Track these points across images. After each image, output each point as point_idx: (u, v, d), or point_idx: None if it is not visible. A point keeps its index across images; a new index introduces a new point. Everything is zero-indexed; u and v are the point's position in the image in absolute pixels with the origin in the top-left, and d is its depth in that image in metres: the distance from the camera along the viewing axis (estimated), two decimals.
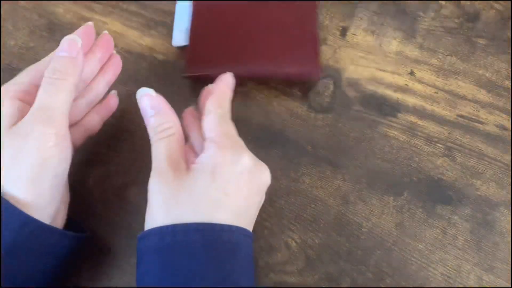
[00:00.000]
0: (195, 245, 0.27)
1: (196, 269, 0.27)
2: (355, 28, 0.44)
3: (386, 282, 0.35)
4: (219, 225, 0.28)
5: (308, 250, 0.36)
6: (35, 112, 0.30)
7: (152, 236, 0.28)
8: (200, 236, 0.27)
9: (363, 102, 0.41)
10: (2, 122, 0.30)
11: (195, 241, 0.27)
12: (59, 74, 0.31)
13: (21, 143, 0.29)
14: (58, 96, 0.30)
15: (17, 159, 0.28)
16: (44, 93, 0.30)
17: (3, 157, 0.29)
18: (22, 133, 0.29)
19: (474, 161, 0.39)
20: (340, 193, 0.38)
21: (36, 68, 0.33)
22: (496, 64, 0.42)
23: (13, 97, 0.31)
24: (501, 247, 0.36)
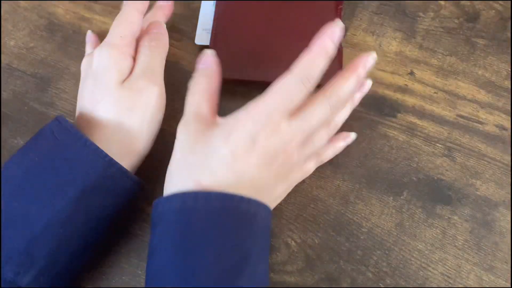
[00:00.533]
0: (215, 211, 0.29)
1: (212, 233, 0.28)
2: (355, 28, 0.45)
3: (386, 282, 0.35)
4: (239, 196, 0.29)
5: (308, 250, 0.36)
6: (143, 72, 0.35)
7: (174, 199, 0.29)
8: (220, 203, 0.29)
9: (363, 102, 0.41)
10: (119, 77, 0.35)
11: (215, 207, 0.29)
12: (156, 43, 0.37)
13: (137, 96, 0.34)
14: (157, 60, 0.37)
15: (133, 110, 0.34)
16: (146, 57, 0.36)
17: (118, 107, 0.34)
18: (136, 88, 0.35)
19: (473, 161, 0.39)
20: (340, 193, 0.38)
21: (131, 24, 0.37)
22: (495, 64, 0.42)
23: (126, 53, 0.36)
24: (500, 247, 0.36)
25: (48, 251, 0.30)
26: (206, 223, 0.28)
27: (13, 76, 0.44)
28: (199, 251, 0.28)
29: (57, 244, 0.30)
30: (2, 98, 0.43)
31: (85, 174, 0.31)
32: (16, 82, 0.44)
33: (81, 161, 0.31)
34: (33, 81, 0.44)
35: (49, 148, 0.31)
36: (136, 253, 0.37)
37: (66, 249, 0.31)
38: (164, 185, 0.32)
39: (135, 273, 0.36)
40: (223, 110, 0.33)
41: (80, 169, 0.31)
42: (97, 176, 0.31)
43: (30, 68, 0.45)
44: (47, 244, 0.30)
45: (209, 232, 0.28)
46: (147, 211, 0.38)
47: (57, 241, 0.30)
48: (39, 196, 0.30)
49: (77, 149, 0.31)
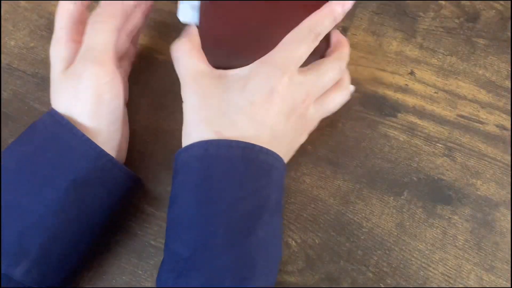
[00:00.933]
0: (236, 158, 0.29)
1: (234, 179, 0.29)
2: (355, 28, 0.44)
3: (386, 282, 0.35)
4: (259, 146, 0.30)
5: (308, 250, 0.36)
6: (83, 53, 0.32)
7: (196, 147, 0.30)
8: (241, 151, 0.30)
9: (363, 102, 0.41)
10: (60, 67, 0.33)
11: (237, 155, 0.29)
12: (100, 18, 0.33)
13: (77, 83, 0.32)
14: (100, 37, 0.33)
15: (76, 98, 0.32)
16: (88, 37, 0.33)
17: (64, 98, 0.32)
18: (76, 73, 0.32)
19: (474, 161, 0.39)
20: (340, 193, 0.38)
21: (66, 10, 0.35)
22: (496, 64, 0.42)
23: (65, 39, 0.34)
24: (501, 247, 0.36)
25: (40, 243, 0.30)
26: (227, 169, 0.29)
27: (13, 76, 0.44)
28: (220, 196, 0.29)
29: (49, 236, 0.30)
30: (2, 98, 0.43)
31: (76, 165, 0.31)
32: (16, 82, 0.44)
33: (72, 152, 0.31)
34: (33, 81, 0.44)
35: (41, 140, 0.31)
36: (136, 253, 0.37)
37: (59, 241, 0.31)
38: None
39: (135, 273, 0.36)
40: None
41: (71, 160, 0.31)
42: (88, 167, 0.31)
43: (31, 68, 0.45)
44: (39, 236, 0.30)
45: (229, 178, 0.29)
46: (147, 211, 0.38)
47: (50, 232, 0.30)
48: (31, 188, 0.30)
49: (68, 140, 0.31)
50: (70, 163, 0.31)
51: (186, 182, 0.30)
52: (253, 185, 0.29)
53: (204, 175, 0.29)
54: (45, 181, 0.30)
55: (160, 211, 0.38)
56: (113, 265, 0.36)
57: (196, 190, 0.29)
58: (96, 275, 0.36)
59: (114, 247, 0.37)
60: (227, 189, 0.29)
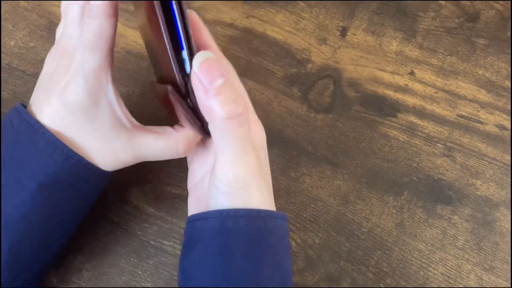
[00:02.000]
0: (255, 230, 0.28)
1: (255, 255, 0.28)
2: (355, 28, 0.44)
3: (386, 282, 0.35)
4: (276, 213, 0.29)
5: (308, 250, 0.36)
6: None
7: (212, 219, 0.28)
8: (261, 222, 0.28)
9: (363, 102, 0.41)
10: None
11: (255, 227, 0.28)
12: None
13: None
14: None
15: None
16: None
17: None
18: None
19: (474, 161, 0.39)
20: (340, 193, 0.38)
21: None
22: (496, 64, 0.42)
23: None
24: (501, 247, 0.36)
25: (10, 246, 0.29)
26: (248, 246, 0.28)
27: (13, 76, 0.44)
28: (243, 278, 0.27)
29: (19, 238, 0.29)
30: (2, 98, 0.43)
31: (43, 166, 0.29)
32: (16, 82, 0.44)
33: (39, 152, 0.29)
34: (33, 81, 0.44)
35: (9, 139, 0.30)
36: (136, 253, 0.37)
37: (28, 243, 0.30)
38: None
39: (135, 273, 0.36)
40: None
41: (39, 161, 0.29)
42: (56, 168, 0.29)
43: (30, 68, 0.44)
44: (8, 239, 0.29)
45: (251, 256, 0.28)
46: (147, 211, 0.38)
47: (19, 235, 0.29)
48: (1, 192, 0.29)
49: (35, 140, 0.29)
50: (37, 165, 0.29)
51: (203, 258, 0.28)
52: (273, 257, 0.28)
53: (223, 252, 0.27)
54: (13, 183, 0.29)
55: (160, 212, 0.38)
56: (113, 265, 0.36)
57: (216, 270, 0.27)
58: (96, 275, 0.36)
59: (114, 247, 0.37)
60: (249, 268, 0.27)
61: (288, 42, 0.44)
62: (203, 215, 0.29)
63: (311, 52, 0.43)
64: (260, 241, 0.28)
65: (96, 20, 0.29)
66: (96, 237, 0.37)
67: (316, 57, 0.43)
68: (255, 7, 0.45)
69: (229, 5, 0.45)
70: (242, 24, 0.44)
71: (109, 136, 0.31)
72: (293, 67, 0.43)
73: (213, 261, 0.28)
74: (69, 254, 0.37)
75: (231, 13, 0.45)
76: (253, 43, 0.44)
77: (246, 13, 0.45)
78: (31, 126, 0.30)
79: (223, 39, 0.44)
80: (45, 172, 0.29)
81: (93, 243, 0.37)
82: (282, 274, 0.28)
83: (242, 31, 0.44)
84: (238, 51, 0.43)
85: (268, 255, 0.28)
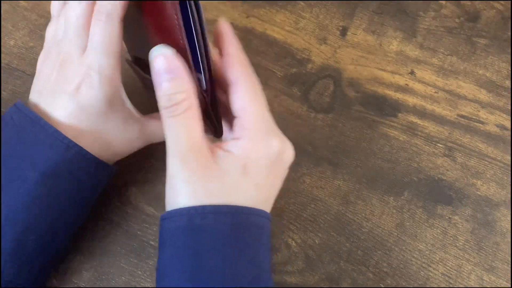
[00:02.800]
0: (225, 227, 0.27)
1: (225, 252, 0.27)
2: (355, 28, 0.44)
3: (386, 282, 0.35)
4: (247, 208, 0.28)
5: (308, 250, 0.36)
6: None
7: (179, 217, 0.28)
8: (229, 219, 0.28)
9: (363, 102, 0.41)
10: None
11: (225, 223, 0.27)
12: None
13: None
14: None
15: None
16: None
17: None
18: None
19: (474, 161, 0.39)
20: (340, 193, 0.38)
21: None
22: (496, 64, 0.42)
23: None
24: (501, 247, 0.36)
25: (13, 236, 0.29)
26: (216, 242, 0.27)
27: (13, 76, 0.44)
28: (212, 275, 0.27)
29: (22, 229, 0.30)
30: (2, 98, 0.43)
31: (44, 157, 0.30)
32: (15, 82, 0.44)
33: (39, 144, 0.30)
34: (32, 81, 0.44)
35: (10, 134, 0.31)
36: (136, 253, 0.37)
37: (32, 234, 0.30)
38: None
39: (135, 273, 0.36)
40: None
41: (39, 152, 0.30)
42: (57, 159, 0.30)
43: (30, 68, 0.44)
44: (12, 230, 0.29)
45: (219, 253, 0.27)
46: (147, 211, 0.38)
47: (22, 226, 0.30)
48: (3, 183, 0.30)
49: (36, 132, 0.30)
50: (38, 156, 0.30)
51: (173, 257, 0.28)
52: (245, 254, 0.28)
53: (193, 248, 0.27)
54: (15, 175, 0.30)
55: (160, 211, 0.38)
56: (113, 265, 0.36)
57: (184, 268, 0.27)
58: (96, 275, 0.36)
59: (113, 247, 0.37)
60: (218, 265, 0.27)
61: (288, 42, 0.44)
62: (171, 213, 0.29)
63: (311, 52, 0.43)
64: (228, 237, 0.27)
65: (110, 22, 0.29)
66: (95, 237, 0.37)
67: (316, 57, 0.43)
68: (255, 7, 0.45)
69: (229, 4, 0.45)
70: (242, 24, 0.44)
71: (124, 130, 0.33)
72: (293, 67, 0.43)
73: (182, 259, 0.28)
74: (69, 254, 0.37)
75: (231, 13, 0.45)
76: (253, 43, 0.44)
77: (246, 13, 0.45)
78: (31, 120, 0.30)
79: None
80: (46, 163, 0.30)
81: (93, 243, 0.37)
82: (256, 271, 0.28)
83: (242, 31, 0.44)
84: None
85: (238, 251, 0.27)
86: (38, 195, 0.30)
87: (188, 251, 0.27)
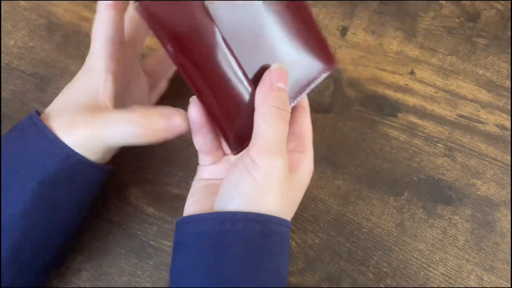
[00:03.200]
0: (253, 234, 0.28)
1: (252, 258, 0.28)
2: (355, 28, 0.44)
3: (386, 282, 0.35)
4: (275, 217, 0.29)
5: (308, 250, 0.36)
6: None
7: (208, 221, 0.28)
8: (259, 227, 0.28)
9: (363, 102, 0.41)
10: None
11: (254, 230, 0.28)
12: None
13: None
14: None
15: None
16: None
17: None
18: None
19: (474, 161, 0.39)
20: (340, 193, 0.38)
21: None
22: (496, 64, 0.42)
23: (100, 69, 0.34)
24: (501, 247, 0.36)
25: (11, 244, 0.30)
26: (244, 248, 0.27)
27: (13, 76, 0.44)
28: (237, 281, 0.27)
29: (20, 237, 0.30)
30: (2, 98, 0.43)
31: (43, 166, 0.30)
32: (15, 82, 0.44)
33: (39, 152, 0.30)
34: (32, 81, 0.44)
35: (17, 142, 0.31)
36: (136, 253, 0.37)
37: (29, 241, 0.30)
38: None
39: (135, 273, 0.36)
40: None
41: (39, 161, 0.30)
42: (56, 167, 0.30)
43: (30, 67, 0.44)
44: (10, 237, 0.30)
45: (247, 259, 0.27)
46: (147, 211, 0.38)
47: (19, 233, 0.30)
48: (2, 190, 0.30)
49: (38, 140, 0.31)
50: (37, 164, 0.30)
51: (195, 259, 0.28)
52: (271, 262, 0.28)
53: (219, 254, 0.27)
54: (14, 183, 0.30)
55: (160, 212, 0.38)
56: (113, 265, 0.36)
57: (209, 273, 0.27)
58: (96, 275, 0.36)
59: (113, 247, 0.37)
60: (243, 271, 0.27)
61: None
62: (199, 217, 0.29)
63: None
64: (256, 244, 0.28)
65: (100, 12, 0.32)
66: (95, 237, 0.37)
67: None
68: None
69: None
70: None
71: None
72: None
73: (206, 262, 0.28)
74: (69, 254, 0.37)
75: None
76: None
77: None
78: (36, 127, 0.31)
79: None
80: (44, 172, 0.30)
81: (93, 243, 0.37)
82: (277, 280, 0.28)
83: None
84: None
85: (264, 259, 0.28)
86: (36, 203, 0.30)
87: (212, 255, 0.28)
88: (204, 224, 0.28)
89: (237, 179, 0.29)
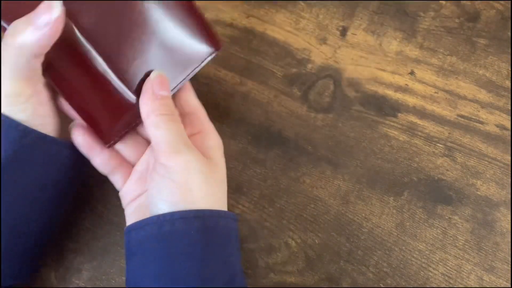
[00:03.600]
0: (195, 232, 0.28)
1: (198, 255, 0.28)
2: (355, 28, 0.44)
3: (386, 282, 0.35)
4: (216, 211, 0.29)
5: (308, 250, 0.36)
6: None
7: (149, 226, 0.28)
8: (200, 223, 0.28)
9: (363, 102, 0.41)
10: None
11: (196, 228, 0.28)
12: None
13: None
14: None
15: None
16: None
17: None
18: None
19: (474, 161, 0.39)
20: (340, 193, 0.38)
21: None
22: (496, 64, 0.42)
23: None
24: (501, 247, 0.36)
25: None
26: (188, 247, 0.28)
27: None
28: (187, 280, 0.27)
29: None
30: None
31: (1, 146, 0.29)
32: None
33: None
34: None
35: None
36: None
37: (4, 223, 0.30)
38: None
39: None
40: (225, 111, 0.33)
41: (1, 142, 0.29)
42: (14, 147, 0.29)
43: None
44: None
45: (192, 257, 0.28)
46: None
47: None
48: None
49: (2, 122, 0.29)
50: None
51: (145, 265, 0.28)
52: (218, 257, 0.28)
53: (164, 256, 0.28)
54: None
55: None
56: (113, 265, 0.36)
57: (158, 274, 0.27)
58: (96, 275, 0.36)
59: (113, 247, 0.37)
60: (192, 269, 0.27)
61: (288, 42, 0.44)
62: (139, 224, 0.29)
63: (311, 52, 0.43)
64: (199, 241, 0.28)
65: None
66: (95, 237, 0.37)
67: (316, 57, 0.43)
68: (255, 7, 0.45)
69: (229, 4, 0.45)
70: (242, 24, 0.44)
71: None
72: (293, 67, 0.43)
73: (155, 266, 0.28)
74: (69, 254, 0.37)
75: (231, 13, 0.45)
76: (253, 43, 0.44)
77: (246, 13, 0.45)
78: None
79: (223, 38, 0.44)
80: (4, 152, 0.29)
81: (93, 243, 0.37)
82: (230, 272, 0.28)
83: (242, 31, 0.44)
84: (238, 51, 0.43)
85: (211, 254, 0.28)
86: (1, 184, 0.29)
87: (160, 258, 0.28)
88: (145, 230, 0.28)
89: (158, 189, 0.29)
